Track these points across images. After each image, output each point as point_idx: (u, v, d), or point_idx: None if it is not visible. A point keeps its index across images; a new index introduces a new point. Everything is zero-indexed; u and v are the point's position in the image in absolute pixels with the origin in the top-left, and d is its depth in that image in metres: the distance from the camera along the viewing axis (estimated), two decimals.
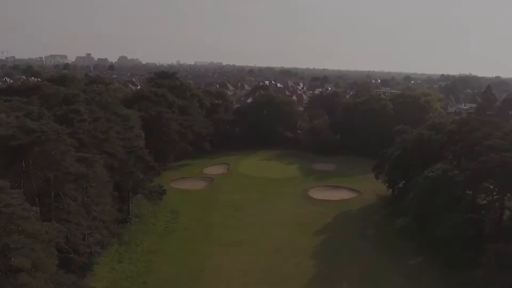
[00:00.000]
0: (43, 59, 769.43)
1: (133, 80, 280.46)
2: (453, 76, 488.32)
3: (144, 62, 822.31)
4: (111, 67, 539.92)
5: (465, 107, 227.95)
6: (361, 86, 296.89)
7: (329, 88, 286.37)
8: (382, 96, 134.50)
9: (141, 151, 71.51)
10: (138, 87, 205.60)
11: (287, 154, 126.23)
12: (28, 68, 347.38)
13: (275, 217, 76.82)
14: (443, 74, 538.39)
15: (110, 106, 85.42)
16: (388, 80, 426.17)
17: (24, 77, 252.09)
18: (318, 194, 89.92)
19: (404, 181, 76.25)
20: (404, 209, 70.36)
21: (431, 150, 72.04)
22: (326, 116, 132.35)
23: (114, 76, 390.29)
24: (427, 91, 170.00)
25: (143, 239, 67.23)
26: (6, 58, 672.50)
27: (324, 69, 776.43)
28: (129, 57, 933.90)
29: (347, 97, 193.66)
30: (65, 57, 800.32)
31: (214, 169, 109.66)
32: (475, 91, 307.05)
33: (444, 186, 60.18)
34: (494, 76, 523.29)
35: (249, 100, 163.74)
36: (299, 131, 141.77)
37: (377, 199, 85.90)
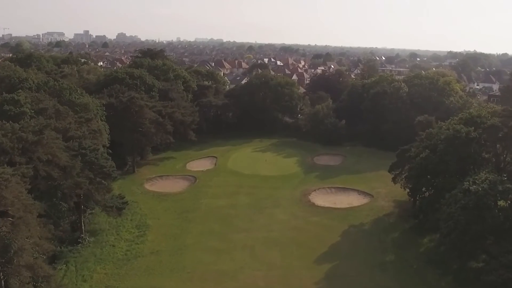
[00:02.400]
0: (40, 36, 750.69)
1: (123, 58, 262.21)
2: (461, 53, 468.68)
3: (143, 39, 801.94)
4: (105, 44, 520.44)
5: (478, 87, 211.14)
6: (367, 63, 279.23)
7: (332, 66, 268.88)
8: (395, 76, 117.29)
9: (93, 154, 55.28)
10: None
11: (285, 143, 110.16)
12: (17, 46, 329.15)
13: (268, 234, 61.06)
14: (450, 51, 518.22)
15: (64, 93, 69.09)
16: (392, 58, 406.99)
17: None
18: (322, 199, 74.05)
19: (431, 190, 59.90)
20: (433, 229, 54.43)
21: (469, 151, 55.78)
22: (330, 100, 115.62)
23: (107, 53, 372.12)
24: (442, 70, 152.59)
25: (94, 270, 51.59)
26: (3, 35, 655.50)
27: (326, 45, 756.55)
28: (128, 34, 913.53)
29: (353, 76, 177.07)
30: (62, 34, 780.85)
31: (199, 164, 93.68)
32: (487, 69, 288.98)
33: (493, 207, 44.17)
34: (501, 53, 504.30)
35: (245, 81, 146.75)
36: (299, 115, 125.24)
37: (394, 207, 69.98)
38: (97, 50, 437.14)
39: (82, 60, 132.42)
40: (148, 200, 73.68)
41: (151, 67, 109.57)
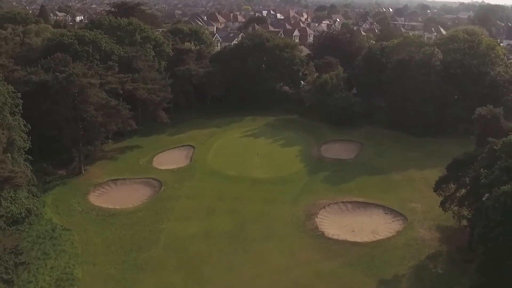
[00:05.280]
0: None
1: (103, 11, 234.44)
2: (473, 5, 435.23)
3: None
4: None
5: (502, 44, 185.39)
6: (376, 17, 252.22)
7: (338, 20, 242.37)
8: (423, 39, 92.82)
9: None
10: None
11: (284, 123, 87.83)
12: None
13: None
14: (462, 2, 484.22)
15: None
16: (401, 9, 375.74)
17: None
18: (334, 223, 52.22)
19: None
20: None
21: None
22: (340, 68, 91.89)
23: (93, 5, 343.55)
24: (471, 28, 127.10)
25: None
26: None
27: None
28: None
29: (363, 33, 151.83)
30: None
31: (170, 158, 71.66)
32: (509, 24, 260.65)
33: None
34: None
35: (236, 42, 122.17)
36: (303, 83, 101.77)
37: (440, 241, 48.03)
38: (85, 1, 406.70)
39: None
40: (88, 224, 51.86)
41: (112, 27, 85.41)
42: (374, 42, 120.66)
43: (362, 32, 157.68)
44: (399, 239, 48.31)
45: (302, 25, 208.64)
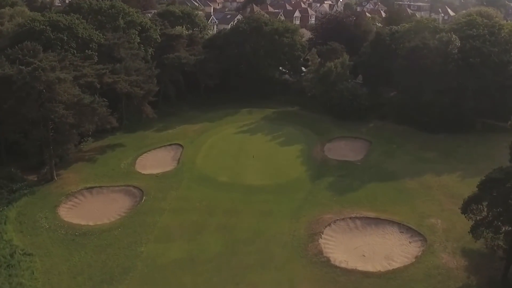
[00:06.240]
0: None
1: None
2: None
3: None
4: None
5: None
6: None
7: (340, 0, 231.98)
8: (437, 23, 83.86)
9: None
10: None
11: (284, 116, 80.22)
12: None
13: None
14: None
15: None
16: None
17: None
18: (341, 244, 44.70)
19: None
20: None
21: None
22: (346, 55, 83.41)
23: None
24: (485, 9, 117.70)
25: None
26: None
27: None
28: None
29: (368, 15, 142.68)
30: None
31: (156, 159, 64.10)
32: None
33: None
34: None
35: (230, 26, 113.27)
36: (304, 71, 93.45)
37: (467, 272, 40.37)
38: None
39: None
40: (54, 246, 44.40)
41: (92, 11, 76.78)
42: (380, 25, 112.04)
43: (367, 14, 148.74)
44: (419, 267, 40.76)
45: (303, 5, 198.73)
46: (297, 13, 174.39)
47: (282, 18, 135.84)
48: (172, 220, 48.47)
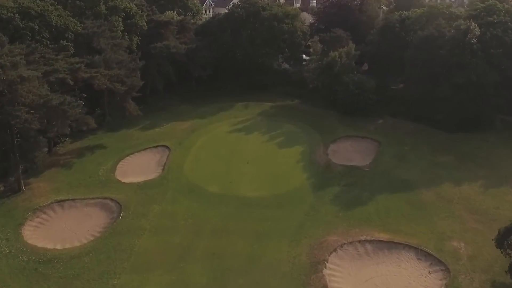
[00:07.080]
0: None
1: None
2: None
3: None
4: None
5: None
6: None
7: None
8: (454, 9, 75.90)
9: None
10: None
11: (282, 111, 73.13)
12: None
13: None
14: None
15: None
16: None
17: None
18: (349, 276, 37.89)
19: None
20: None
21: None
22: (351, 44, 75.80)
23: None
24: None
25: None
26: None
27: None
28: None
29: None
30: None
31: (139, 165, 57.28)
32: None
33: None
34: None
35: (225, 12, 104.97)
36: (305, 59, 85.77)
37: None
38: None
39: None
40: (13, 278, 37.88)
41: None
42: (386, 8, 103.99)
43: None
44: None
45: None
46: None
47: (282, 0, 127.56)
48: (153, 243, 41.78)
